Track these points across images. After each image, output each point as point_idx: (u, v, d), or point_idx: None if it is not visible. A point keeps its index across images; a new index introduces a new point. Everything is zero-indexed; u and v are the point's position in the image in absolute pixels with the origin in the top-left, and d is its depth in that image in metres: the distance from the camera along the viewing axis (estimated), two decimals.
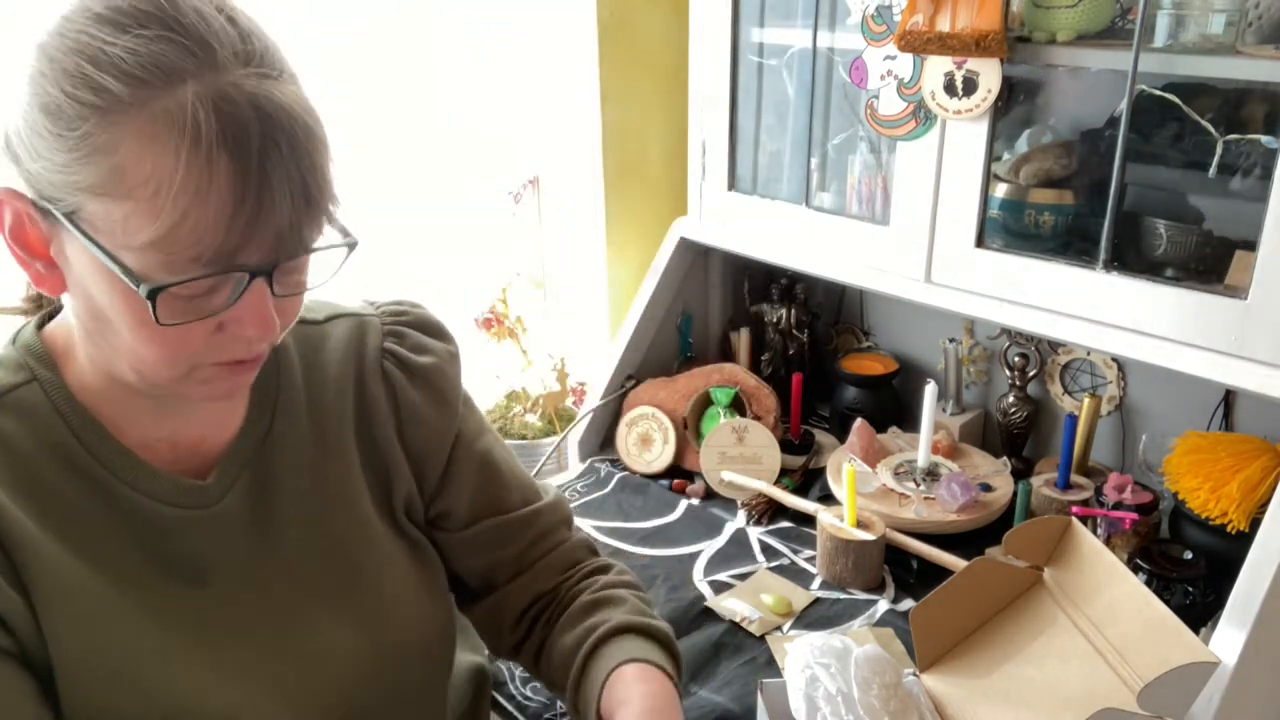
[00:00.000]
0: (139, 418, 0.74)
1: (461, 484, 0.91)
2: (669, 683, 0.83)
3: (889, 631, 1.19)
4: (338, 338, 0.86)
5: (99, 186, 0.60)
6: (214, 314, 0.64)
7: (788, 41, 1.50)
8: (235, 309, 0.65)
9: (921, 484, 1.39)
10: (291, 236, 0.63)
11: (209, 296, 0.64)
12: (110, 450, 0.72)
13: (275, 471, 0.80)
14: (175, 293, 0.62)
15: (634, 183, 1.70)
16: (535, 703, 1.12)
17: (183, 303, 0.63)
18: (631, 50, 1.62)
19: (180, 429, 0.76)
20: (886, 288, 1.39)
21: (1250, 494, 1.11)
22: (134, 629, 0.71)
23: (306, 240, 0.65)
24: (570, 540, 0.98)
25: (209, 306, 0.64)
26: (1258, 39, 1.06)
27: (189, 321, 0.64)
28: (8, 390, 0.71)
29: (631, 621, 0.87)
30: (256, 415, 0.80)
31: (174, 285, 0.61)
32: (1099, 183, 1.21)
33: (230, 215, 0.60)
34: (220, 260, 0.61)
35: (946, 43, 1.20)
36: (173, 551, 0.74)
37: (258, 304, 0.65)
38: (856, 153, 1.48)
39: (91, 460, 0.72)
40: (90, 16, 0.60)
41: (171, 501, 0.74)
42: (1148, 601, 0.90)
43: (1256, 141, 1.12)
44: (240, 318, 0.65)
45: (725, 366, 1.63)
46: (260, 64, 0.62)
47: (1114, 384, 1.44)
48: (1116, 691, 0.88)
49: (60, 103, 0.59)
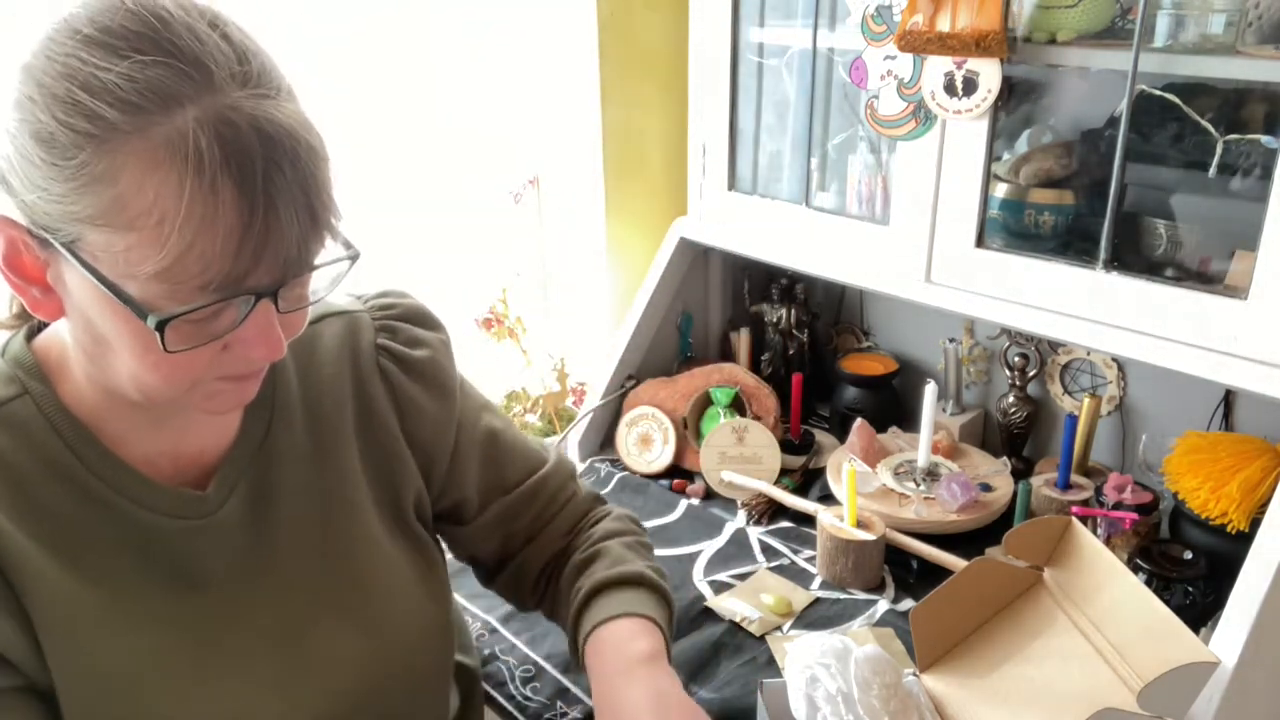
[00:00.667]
0: (138, 432, 0.73)
1: (469, 469, 0.93)
2: (626, 629, 0.86)
3: (889, 631, 1.19)
4: (330, 337, 0.85)
5: (99, 217, 0.58)
6: (219, 337, 0.64)
7: (788, 41, 1.50)
8: (241, 330, 0.64)
9: (921, 484, 1.39)
10: (297, 256, 0.63)
11: (215, 320, 0.63)
12: (107, 465, 0.71)
13: (273, 477, 0.80)
14: (182, 319, 0.61)
15: (634, 183, 1.70)
16: (535, 703, 1.12)
17: (190, 328, 0.62)
18: (631, 50, 1.62)
19: (180, 441, 0.75)
20: (886, 288, 1.39)
21: (1250, 494, 1.11)
22: (135, 643, 0.71)
23: (311, 258, 0.65)
24: (577, 495, 1.01)
25: (215, 330, 0.64)
26: (1258, 39, 1.06)
27: (196, 347, 0.63)
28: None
29: (600, 580, 0.90)
30: (253, 422, 0.80)
31: (182, 315, 0.60)
32: (1099, 183, 1.21)
33: (238, 242, 0.59)
34: (228, 286, 0.60)
35: (946, 43, 1.20)
36: (173, 561, 0.74)
37: (264, 324, 0.65)
38: (856, 153, 1.48)
39: (88, 475, 0.71)
40: (79, 39, 0.58)
41: (171, 513, 0.74)
42: (1148, 601, 0.90)
43: (1256, 141, 1.12)
44: (247, 339, 0.65)
45: (725, 366, 1.63)
46: (258, 84, 0.61)
47: (1114, 384, 1.44)
48: (1116, 691, 0.88)
49: (53, 130, 0.57)
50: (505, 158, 1.79)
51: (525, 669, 1.16)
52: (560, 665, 1.16)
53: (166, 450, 0.75)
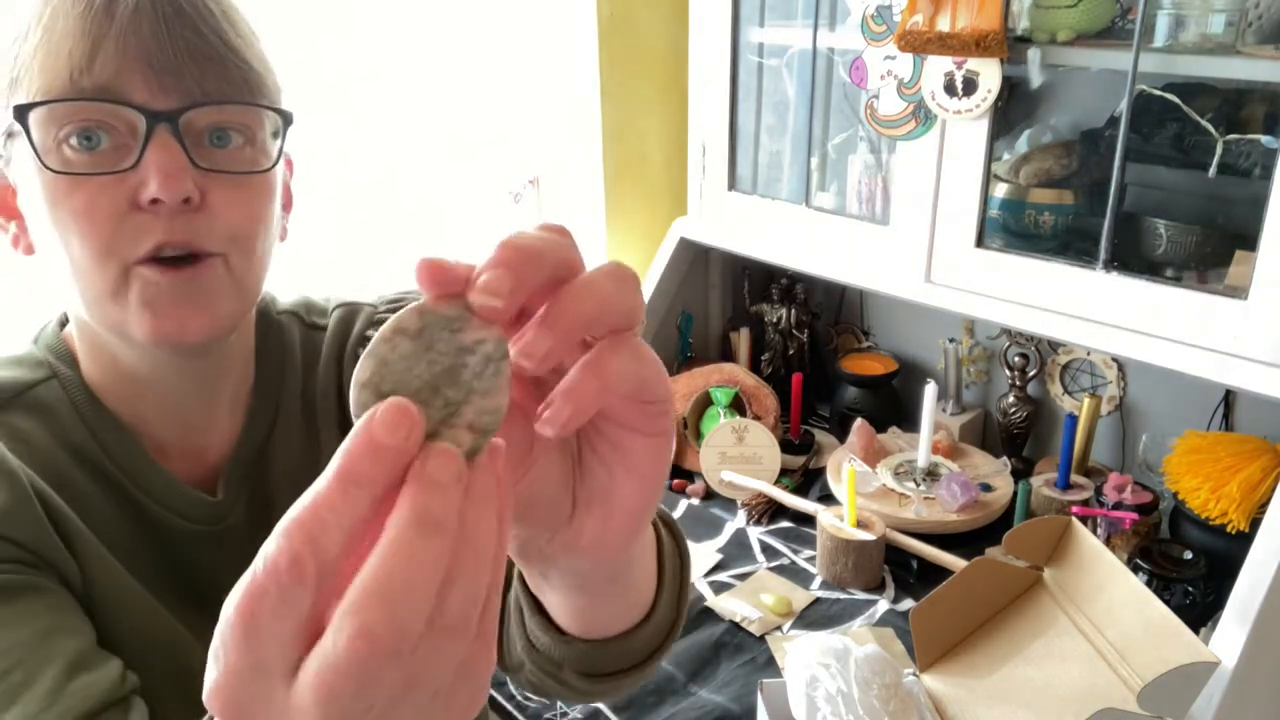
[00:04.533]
0: (147, 414, 0.72)
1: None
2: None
3: (889, 631, 1.19)
4: (330, 332, 0.83)
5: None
6: (116, 171, 0.61)
7: (788, 41, 1.50)
8: (140, 169, 0.62)
9: (921, 484, 1.39)
10: (176, 74, 0.61)
11: (113, 158, 0.62)
12: (127, 452, 0.71)
13: (271, 482, 0.78)
14: (74, 154, 0.61)
15: (634, 183, 1.70)
16: (535, 702, 1.12)
17: (86, 159, 0.61)
18: (632, 50, 1.62)
19: (187, 434, 0.74)
20: (886, 288, 1.39)
21: (1250, 494, 1.11)
22: (164, 623, 0.70)
23: (208, 89, 0.62)
24: None
25: (112, 164, 0.62)
26: (1258, 39, 1.06)
27: (90, 174, 0.61)
28: (27, 388, 0.70)
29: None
30: (257, 421, 0.78)
31: (45, 104, 0.60)
32: (1099, 183, 1.21)
33: (78, 19, 0.59)
34: (94, 89, 0.60)
35: (946, 43, 1.20)
36: (181, 567, 0.73)
37: (163, 156, 0.61)
38: (856, 153, 1.48)
39: (109, 463, 0.70)
40: None
41: (183, 514, 0.73)
42: (1148, 601, 0.90)
43: (1256, 141, 1.12)
44: (144, 179, 0.62)
45: (725, 366, 1.63)
46: None
47: (1114, 384, 1.44)
48: (1116, 691, 0.88)
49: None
50: (505, 158, 1.79)
51: None
52: None
53: (175, 442, 0.74)
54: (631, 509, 0.44)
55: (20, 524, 0.63)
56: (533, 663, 0.63)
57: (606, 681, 0.62)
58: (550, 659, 0.61)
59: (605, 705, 1.09)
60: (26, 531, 0.64)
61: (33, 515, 0.64)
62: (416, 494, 0.32)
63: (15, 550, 0.63)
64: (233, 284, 0.67)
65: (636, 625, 0.59)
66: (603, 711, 1.09)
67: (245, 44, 0.65)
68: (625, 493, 0.43)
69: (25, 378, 0.71)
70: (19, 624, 0.60)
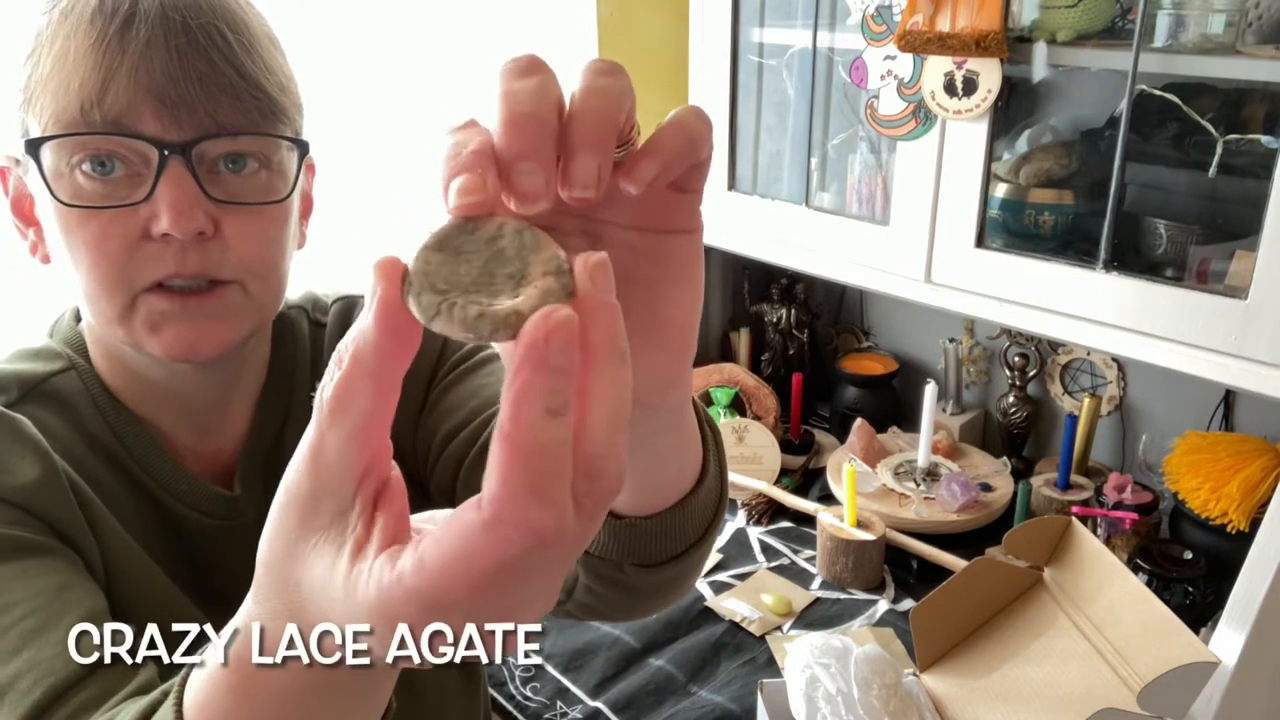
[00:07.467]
0: (161, 414, 0.72)
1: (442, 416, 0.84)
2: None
3: (889, 631, 1.19)
4: (330, 327, 0.83)
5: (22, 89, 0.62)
6: (127, 204, 0.61)
7: (788, 41, 1.50)
8: (152, 201, 0.61)
9: (921, 484, 1.39)
10: (188, 106, 0.60)
11: (126, 187, 0.61)
12: (144, 446, 0.71)
13: (277, 481, 0.78)
14: (86, 181, 0.61)
15: None
16: (535, 703, 1.12)
17: (98, 187, 0.61)
18: (631, 50, 1.62)
19: (202, 436, 0.73)
20: (886, 288, 1.39)
21: (1250, 494, 1.11)
22: (181, 610, 0.70)
23: (220, 120, 0.62)
24: None
25: (123, 196, 0.61)
26: (1258, 39, 1.06)
27: (100, 207, 0.61)
28: (45, 379, 0.70)
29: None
30: (270, 417, 0.77)
31: (57, 138, 0.60)
32: (1099, 183, 1.21)
33: (89, 54, 0.59)
34: (105, 123, 0.60)
35: (946, 43, 1.20)
36: (197, 560, 0.72)
37: (175, 191, 0.61)
38: (856, 153, 1.48)
39: (127, 456, 0.70)
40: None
41: (200, 509, 0.72)
42: (1148, 601, 0.90)
43: (1256, 141, 1.12)
44: (156, 212, 0.61)
45: (725, 366, 1.63)
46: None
47: (1114, 384, 1.44)
48: (1116, 691, 0.88)
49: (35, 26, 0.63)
50: None
51: (525, 669, 1.16)
52: (560, 665, 1.16)
53: (190, 444, 0.73)
54: (683, 324, 0.44)
55: (49, 500, 0.63)
56: (589, 571, 0.61)
57: (665, 570, 0.60)
58: (608, 560, 0.59)
59: (605, 705, 1.09)
60: (54, 507, 0.64)
61: (61, 493, 0.64)
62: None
63: (40, 524, 0.63)
64: (250, 306, 0.67)
65: (691, 490, 0.58)
66: (603, 711, 1.09)
67: (262, 71, 0.64)
68: (675, 308, 0.44)
69: (43, 369, 0.70)
70: (39, 575, 0.60)
